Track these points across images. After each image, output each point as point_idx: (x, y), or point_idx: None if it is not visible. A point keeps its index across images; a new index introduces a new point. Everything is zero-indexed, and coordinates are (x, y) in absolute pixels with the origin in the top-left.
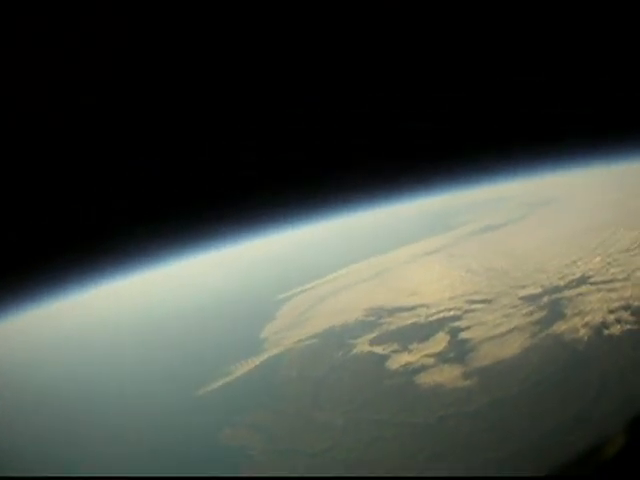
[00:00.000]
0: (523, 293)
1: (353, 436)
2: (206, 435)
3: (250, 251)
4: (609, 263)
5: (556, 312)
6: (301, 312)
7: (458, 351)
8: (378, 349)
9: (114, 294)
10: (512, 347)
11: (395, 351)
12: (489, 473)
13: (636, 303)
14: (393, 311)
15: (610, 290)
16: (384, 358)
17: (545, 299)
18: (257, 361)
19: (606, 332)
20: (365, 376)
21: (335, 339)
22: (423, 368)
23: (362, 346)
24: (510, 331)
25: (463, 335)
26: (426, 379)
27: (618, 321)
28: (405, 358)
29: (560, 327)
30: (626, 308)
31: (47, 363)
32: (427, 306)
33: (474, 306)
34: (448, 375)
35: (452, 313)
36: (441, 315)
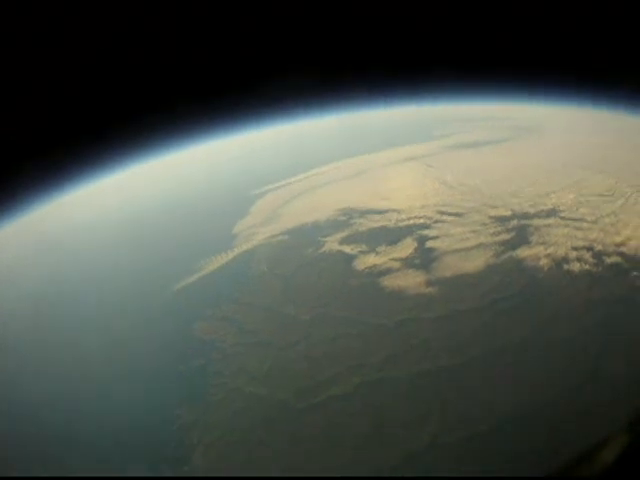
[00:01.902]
0: (493, 213)
1: (318, 331)
2: (179, 329)
3: (225, 146)
4: (581, 203)
5: (522, 237)
6: (274, 208)
7: (424, 259)
8: (347, 249)
9: (86, 197)
10: (475, 263)
11: (363, 252)
12: (442, 379)
13: (599, 247)
14: (364, 213)
15: (577, 228)
16: (352, 258)
17: (514, 223)
18: (229, 256)
19: (566, 267)
20: (332, 274)
21: (306, 236)
22: (388, 271)
23: (331, 245)
24: (476, 247)
25: (430, 244)
26: (390, 282)
27: (579, 259)
28: (372, 260)
29: (523, 252)
30: (589, 249)
31: (25, 267)
32: (398, 211)
33: (444, 217)
34: (412, 281)
35: (422, 221)
36: (411, 222)
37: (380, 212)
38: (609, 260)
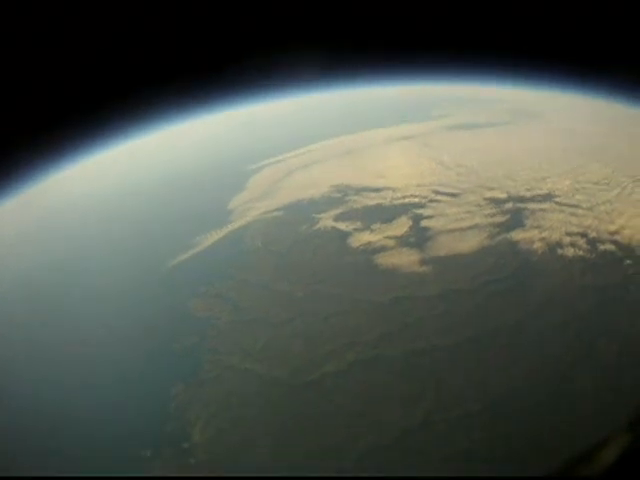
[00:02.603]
0: (489, 195)
1: (313, 308)
2: (173, 306)
3: (222, 121)
4: (577, 189)
5: (517, 220)
6: (270, 184)
7: (418, 237)
8: (342, 225)
9: (82, 172)
10: (470, 243)
11: (358, 229)
12: (436, 358)
13: (593, 234)
14: (360, 190)
15: (572, 214)
16: (346, 235)
17: (509, 205)
18: (224, 232)
19: (559, 252)
20: (327, 251)
21: (301, 212)
22: (383, 249)
23: (326, 221)
24: (470, 228)
25: (425, 223)
26: (385, 260)
27: (573, 245)
28: (367, 237)
29: (518, 235)
30: (583, 235)
31: (22, 244)
32: (394, 190)
33: (439, 197)
34: (406, 259)
35: (417, 200)
36: (406, 200)
37: (376, 190)
38: (603, 247)
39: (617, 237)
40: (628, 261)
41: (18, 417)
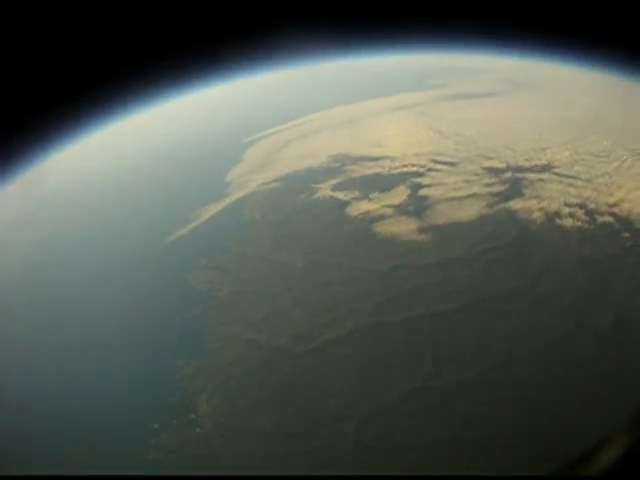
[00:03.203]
0: (487, 164)
1: (312, 277)
2: (175, 280)
3: (216, 95)
4: (576, 161)
5: (515, 190)
6: (266, 155)
7: (417, 206)
8: (340, 195)
9: (78, 153)
10: (468, 212)
11: (356, 198)
12: (434, 325)
13: (592, 206)
14: (358, 160)
15: (570, 185)
16: (345, 204)
17: (508, 175)
18: (222, 205)
19: (558, 222)
20: (325, 220)
21: (299, 183)
22: (381, 218)
23: (324, 191)
24: (469, 197)
25: (423, 192)
26: (383, 229)
27: (571, 216)
28: (365, 206)
29: (516, 204)
30: (581, 206)
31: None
32: (392, 159)
33: (438, 166)
34: (405, 228)
35: (415, 169)
36: (404, 169)
37: (373, 159)
38: (601, 219)
39: (616, 210)
40: (626, 234)
41: (23, 389)
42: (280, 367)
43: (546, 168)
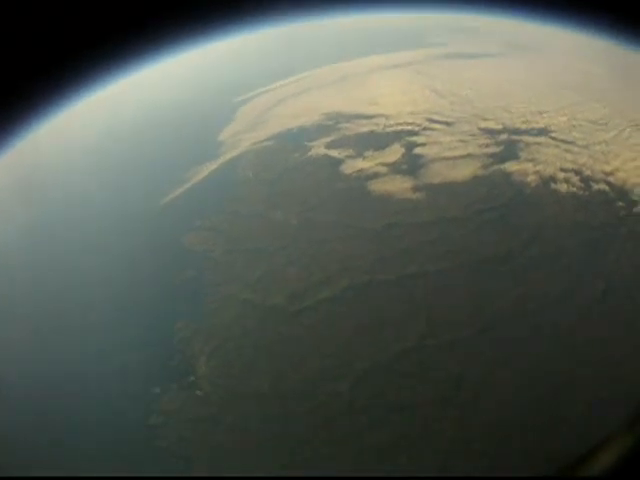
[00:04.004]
0: (483, 125)
1: (306, 236)
2: (169, 243)
3: (204, 55)
4: (573, 126)
5: (511, 152)
6: (259, 114)
7: (411, 164)
8: (334, 153)
9: (68, 117)
10: (463, 172)
11: (350, 156)
12: (429, 284)
13: (587, 172)
14: (352, 117)
15: (567, 151)
16: (339, 162)
17: (504, 137)
18: (214, 165)
19: (553, 186)
20: (319, 178)
21: (292, 141)
22: (376, 176)
23: (318, 149)
24: (464, 157)
25: (418, 150)
26: (378, 187)
27: (566, 181)
28: (359, 164)
29: (512, 167)
30: (577, 173)
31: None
32: (386, 117)
33: (433, 125)
34: (399, 186)
35: (410, 128)
36: (399, 128)
37: (368, 117)
38: (596, 187)
39: (611, 178)
40: (620, 203)
41: (22, 358)
42: (276, 327)
43: (543, 132)
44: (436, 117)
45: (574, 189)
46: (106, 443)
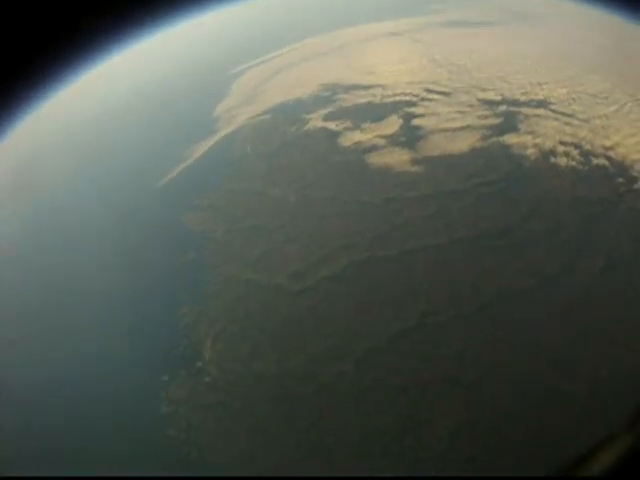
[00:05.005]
0: (482, 96)
1: (305, 212)
2: (168, 225)
3: (195, 27)
4: (573, 99)
5: (510, 124)
6: (253, 87)
7: (409, 136)
8: (331, 125)
9: (64, 95)
10: (461, 144)
11: (348, 128)
12: (429, 259)
13: (587, 147)
14: (349, 88)
15: (567, 124)
16: (336, 134)
17: (502, 108)
18: (211, 142)
19: (552, 160)
20: (317, 152)
21: (288, 114)
22: (374, 148)
23: (315, 122)
24: (462, 128)
25: (416, 122)
26: (376, 159)
27: (566, 154)
28: (357, 136)
29: (511, 139)
30: (577, 146)
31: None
32: (384, 87)
33: (431, 96)
34: (398, 158)
35: (408, 98)
36: (397, 98)
37: (365, 87)
38: (596, 161)
39: (611, 153)
40: (620, 179)
41: (26, 352)
42: (278, 307)
43: (542, 104)
44: (434, 87)
45: (574, 163)
46: (116, 435)
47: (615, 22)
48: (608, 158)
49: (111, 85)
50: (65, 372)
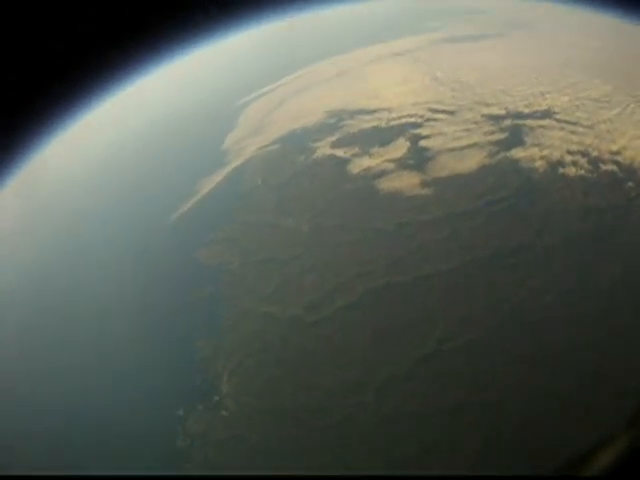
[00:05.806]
0: (486, 111)
1: (318, 241)
2: (183, 260)
3: (200, 61)
4: (577, 106)
5: (516, 138)
6: (260, 118)
7: (417, 159)
8: (339, 152)
9: (70, 133)
10: (470, 162)
11: (356, 155)
12: (444, 283)
13: (595, 153)
14: (354, 113)
15: (572, 132)
16: (345, 162)
17: (508, 122)
18: (221, 175)
19: (561, 170)
20: (327, 180)
21: (296, 143)
22: (383, 173)
23: (324, 149)
24: (469, 146)
25: (423, 143)
26: (386, 184)
27: (574, 164)
28: (366, 162)
29: (518, 153)
30: (584, 154)
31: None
32: (389, 110)
33: (436, 115)
34: (407, 182)
35: (413, 120)
36: (402, 121)
37: (370, 112)
38: (605, 168)
39: (619, 158)
40: (630, 183)
41: (40, 379)
42: (295, 340)
43: (546, 114)
44: (438, 106)
45: (582, 172)
46: (133, 470)
47: (609, 23)
48: (616, 163)
49: (121, 121)
50: (81, 406)
